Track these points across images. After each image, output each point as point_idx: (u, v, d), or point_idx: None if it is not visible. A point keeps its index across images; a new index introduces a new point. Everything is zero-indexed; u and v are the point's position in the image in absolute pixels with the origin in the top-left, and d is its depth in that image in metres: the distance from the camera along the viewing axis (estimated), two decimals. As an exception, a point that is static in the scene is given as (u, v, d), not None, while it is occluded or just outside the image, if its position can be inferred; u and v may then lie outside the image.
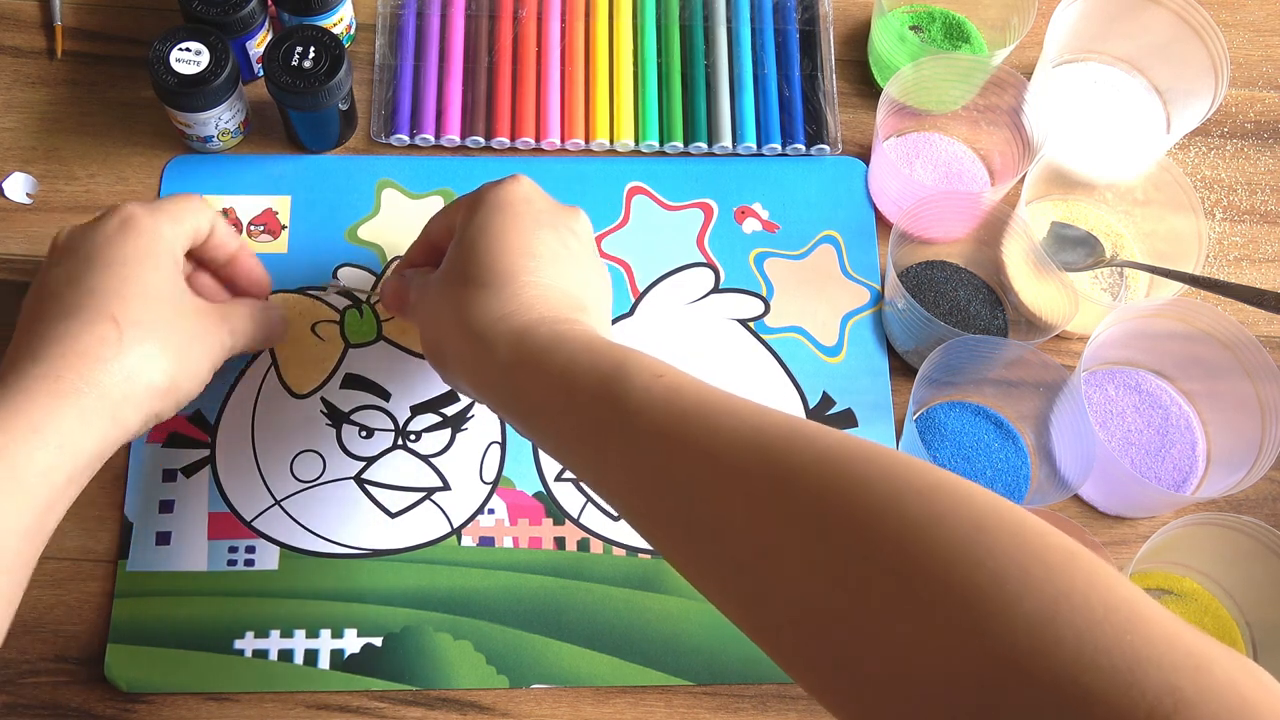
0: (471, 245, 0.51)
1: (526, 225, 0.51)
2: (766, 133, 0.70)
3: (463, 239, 0.52)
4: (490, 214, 0.52)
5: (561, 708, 0.57)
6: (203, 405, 0.61)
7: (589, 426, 0.45)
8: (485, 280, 0.50)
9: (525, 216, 0.52)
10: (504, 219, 0.51)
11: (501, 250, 0.50)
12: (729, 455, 0.40)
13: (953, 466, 0.62)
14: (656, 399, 0.43)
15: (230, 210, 0.66)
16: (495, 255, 0.50)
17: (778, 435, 0.40)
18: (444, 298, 0.51)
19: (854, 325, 0.66)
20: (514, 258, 0.50)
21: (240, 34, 0.64)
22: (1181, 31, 0.69)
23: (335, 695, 0.56)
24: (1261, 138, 0.74)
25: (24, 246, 0.64)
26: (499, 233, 0.51)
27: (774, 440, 0.40)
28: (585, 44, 0.71)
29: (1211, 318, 0.62)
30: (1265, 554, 0.58)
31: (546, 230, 0.52)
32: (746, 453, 0.40)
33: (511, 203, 0.52)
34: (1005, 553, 0.33)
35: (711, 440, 0.41)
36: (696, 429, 0.42)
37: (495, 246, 0.51)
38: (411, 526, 0.60)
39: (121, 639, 0.56)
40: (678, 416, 0.42)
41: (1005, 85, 0.67)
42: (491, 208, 0.52)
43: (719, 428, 0.41)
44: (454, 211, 0.55)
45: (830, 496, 0.37)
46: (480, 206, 0.52)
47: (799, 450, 0.39)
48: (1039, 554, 0.33)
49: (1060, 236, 0.67)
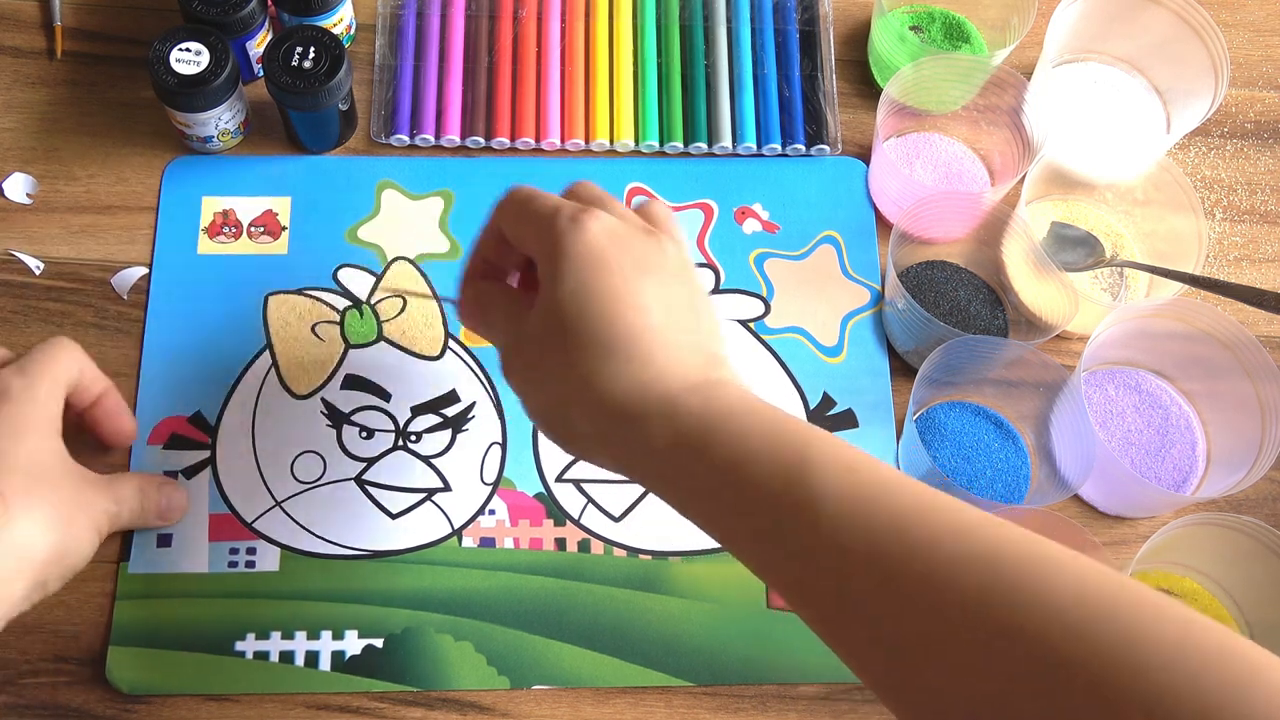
0: (576, 309, 0.45)
1: (627, 274, 0.45)
2: (766, 133, 0.70)
3: (559, 300, 0.45)
4: (584, 269, 0.45)
5: (562, 708, 0.57)
6: (203, 406, 0.61)
7: (768, 523, 0.40)
8: (608, 346, 0.44)
9: (623, 265, 0.45)
10: (603, 274, 0.45)
11: (612, 309, 0.45)
12: (947, 581, 0.36)
13: (953, 466, 0.62)
14: (857, 503, 0.38)
15: (230, 211, 0.66)
16: (609, 316, 0.44)
17: (1013, 569, 0.35)
18: (559, 366, 0.45)
19: (854, 325, 0.66)
20: (629, 315, 0.44)
21: (240, 34, 0.64)
22: (1181, 31, 0.69)
23: (336, 696, 0.56)
24: (1261, 138, 0.74)
25: (24, 246, 0.64)
26: (601, 290, 0.45)
27: (1007, 575, 0.35)
28: (585, 44, 0.71)
29: (1211, 318, 0.62)
30: (1265, 554, 0.58)
31: (647, 275, 0.46)
32: (969, 581, 0.35)
33: (604, 250, 0.45)
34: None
35: (928, 558, 0.36)
36: (910, 543, 0.37)
37: (604, 307, 0.45)
38: (412, 527, 0.60)
39: (123, 641, 0.56)
40: (884, 523, 0.38)
41: (1005, 85, 0.67)
42: (583, 263, 0.45)
43: (937, 545, 0.37)
44: (529, 237, 0.48)
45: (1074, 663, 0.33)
46: (567, 259, 0.45)
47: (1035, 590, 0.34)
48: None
49: (1060, 236, 0.67)
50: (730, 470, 0.41)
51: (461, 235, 0.66)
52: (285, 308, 0.64)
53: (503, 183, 0.67)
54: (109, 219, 0.65)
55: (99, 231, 0.65)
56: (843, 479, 0.39)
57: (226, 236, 0.65)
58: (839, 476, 0.39)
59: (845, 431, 0.63)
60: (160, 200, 0.66)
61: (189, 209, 0.66)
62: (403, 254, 0.65)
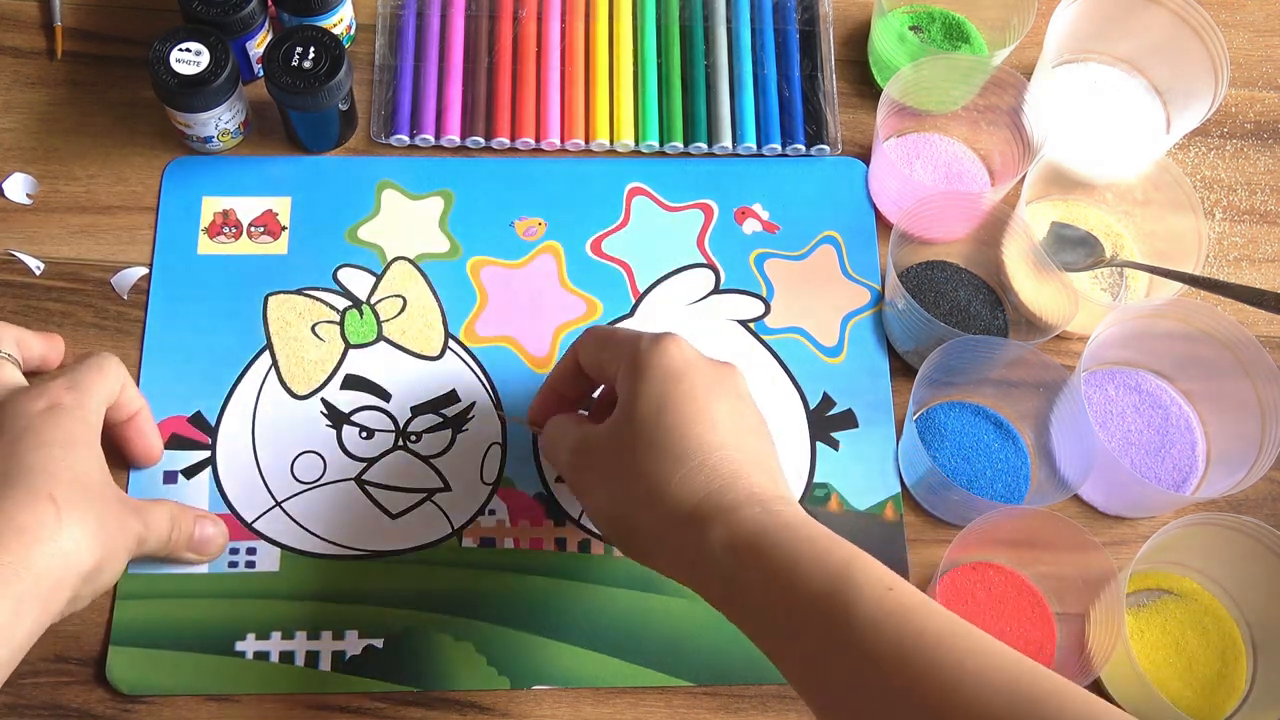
0: (652, 418, 0.49)
1: (701, 394, 0.50)
2: (766, 133, 0.70)
3: (636, 410, 0.50)
4: (663, 384, 0.50)
5: (562, 708, 0.57)
6: (203, 406, 0.61)
7: (810, 632, 0.43)
8: (678, 455, 0.48)
9: (698, 385, 0.50)
10: (679, 389, 0.50)
11: (687, 422, 0.49)
12: (969, 697, 0.39)
13: (953, 466, 0.62)
14: (890, 615, 0.42)
15: (230, 211, 0.66)
16: (682, 428, 0.49)
17: (1036, 692, 0.39)
18: (629, 470, 0.49)
19: (854, 326, 0.66)
20: (701, 429, 0.49)
21: (240, 34, 0.64)
22: (1181, 31, 0.69)
23: (336, 696, 0.56)
24: (1261, 138, 0.74)
25: (24, 246, 0.64)
26: (677, 404, 0.49)
27: (1024, 698, 0.39)
28: (585, 44, 0.71)
29: (1211, 318, 0.62)
30: (1265, 554, 0.58)
31: (719, 397, 0.50)
32: (990, 698, 0.39)
33: (681, 369, 0.50)
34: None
35: (955, 674, 0.40)
36: (936, 658, 0.40)
37: (679, 419, 0.49)
38: (412, 527, 0.60)
39: (123, 641, 0.56)
40: (914, 636, 0.41)
41: (1005, 85, 0.67)
42: (662, 377, 0.50)
43: (962, 663, 0.40)
44: (610, 360, 0.53)
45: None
46: (647, 374, 0.50)
47: (1060, 707, 0.38)
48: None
49: (1060, 236, 0.67)
50: (780, 576, 0.44)
51: (461, 235, 0.66)
52: (285, 308, 0.64)
53: (503, 183, 0.68)
54: (109, 219, 0.65)
55: (99, 231, 0.65)
56: (880, 594, 0.43)
57: (226, 236, 0.65)
58: (877, 592, 0.43)
59: (845, 431, 0.63)
60: (160, 200, 0.66)
61: (189, 209, 0.66)
62: (403, 254, 0.65)
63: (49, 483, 0.48)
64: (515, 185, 0.68)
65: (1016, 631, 0.59)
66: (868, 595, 0.43)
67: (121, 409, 0.57)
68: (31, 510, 0.47)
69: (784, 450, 0.62)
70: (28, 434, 0.50)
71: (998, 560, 0.61)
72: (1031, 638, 0.59)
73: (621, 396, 0.51)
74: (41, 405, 0.51)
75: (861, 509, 0.62)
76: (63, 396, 0.52)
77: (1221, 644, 0.60)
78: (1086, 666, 0.56)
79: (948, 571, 0.60)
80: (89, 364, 0.55)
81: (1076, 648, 0.57)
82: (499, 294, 0.65)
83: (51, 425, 0.51)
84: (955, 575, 0.60)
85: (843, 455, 0.63)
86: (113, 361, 0.56)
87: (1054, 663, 0.59)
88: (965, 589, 0.60)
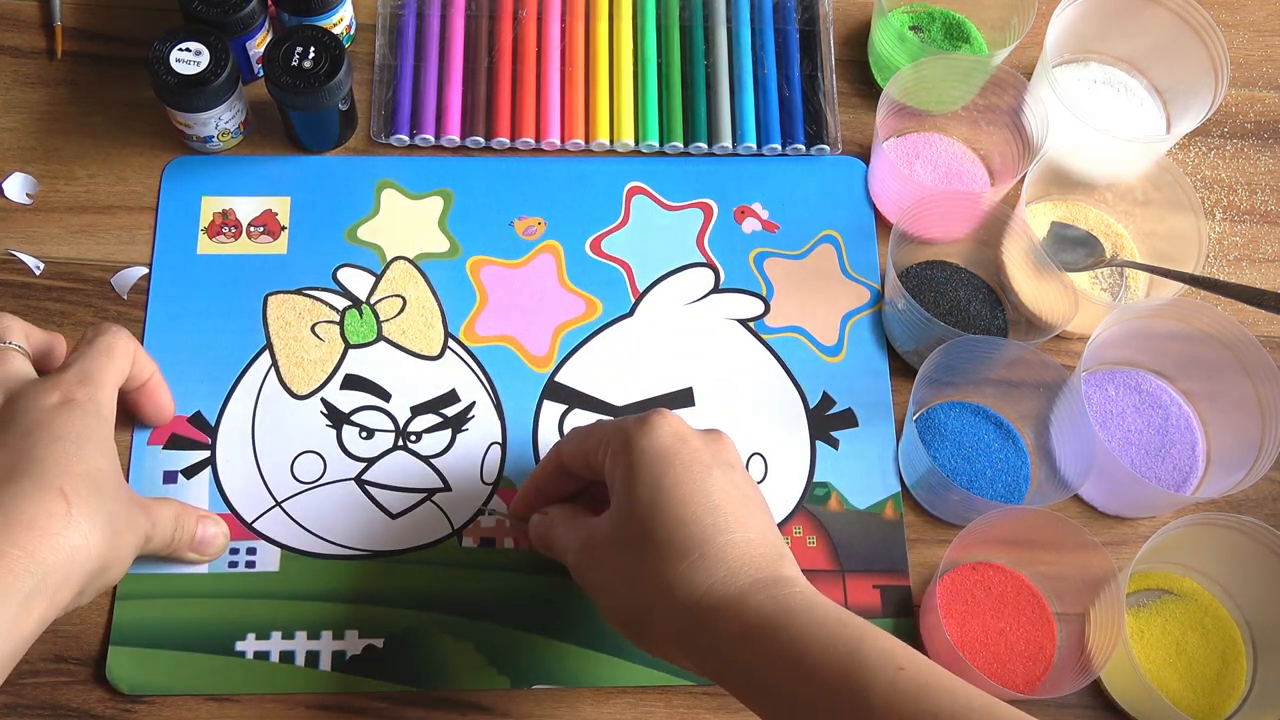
0: (649, 509, 0.48)
1: (697, 474, 0.49)
2: (766, 133, 0.70)
3: (633, 500, 0.49)
4: (656, 468, 0.49)
5: (562, 708, 0.57)
6: (203, 406, 0.61)
7: (824, 714, 0.43)
8: (682, 547, 0.47)
9: (691, 464, 0.49)
10: (674, 472, 0.49)
11: (686, 510, 0.48)
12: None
13: (953, 466, 0.62)
14: (904, 696, 0.42)
15: (230, 211, 0.66)
16: (683, 517, 0.48)
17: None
18: (638, 569, 0.49)
19: (854, 325, 0.66)
20: (701, 514, 0.48)
21: (240, 34, 0.64)
22: (1181, 31, 0.69)
23: (336, 696, 0.56)
24: (1261, 138, 0.74)
25: (24, 246, 0.64)
26: (672, 489, 0.48)
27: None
28: (585, 44, 0.71)
29: (1211, 318, 0.62)
30: (1265, 554, 0.58)
31: (714, 473, 0.49)
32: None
33: (673, 449, 0.49)
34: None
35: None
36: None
37: (677, 508, 0.48)
38: (412, 527, 0.60)
39: (123, 641, 0.56)
40: (929, 718, 0.41)
41: (1005, 85, 0.67)
42: (654, 460, 0.49)
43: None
44: (595, 449, 0.52)
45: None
46: (639, 459, 0.49)
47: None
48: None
49: (1060, 236, 0.67)
50: (793, 662, 0.44)
51: (461, 235, 0.66)
52: (285, 307, 0.64)
53: (503, 182, 0.68)
54: (109, 219, 0.65)
55: (99, 231, 0.65)
56: (892, 676, 0.43)
57: (226, 236, 0.65)
58: (888, 674, 0.43)
59: (845, 431, 0.63)
60: (160, 200, 0.66)
61: (189, 209, 0.66)
62: (402, 254, 0.65)
63: (60, 477, 0.48)
64: (515, 185, 0.68)
65: (1016, 631, 0.59)
66: (880, 679, 0.42)
67: (133, 380, 0.57)
68: (42, 504, 0.47)
69: (784, 450, 0.63)
70: (40, 428, 0.50)
71: (998, 560, 0.61)
72: (1031, 638, 0.59)
73: (617, 485, 0.50)
74: (54, 399, 0.51)
75: (861, 508, 0.62)
76: (76, 391, 0.52)
77: (1221, 644, 0.60)
78: (1086, 666, 0.56)
79: (948, 571, 0.60)
80: (98, 348, 0.54)
81: (1076, 648, 0.57)
82: (499, 294, 0.65)
83: (64, 420, 0.50)
84: (955, 575, 0.60)
85: (843, 454, 0.63)
86: (121, 339, 0.55)
87: (1054, 663, 0.59)
88: (965, 589, 0.60)
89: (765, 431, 0.63)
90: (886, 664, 0.43)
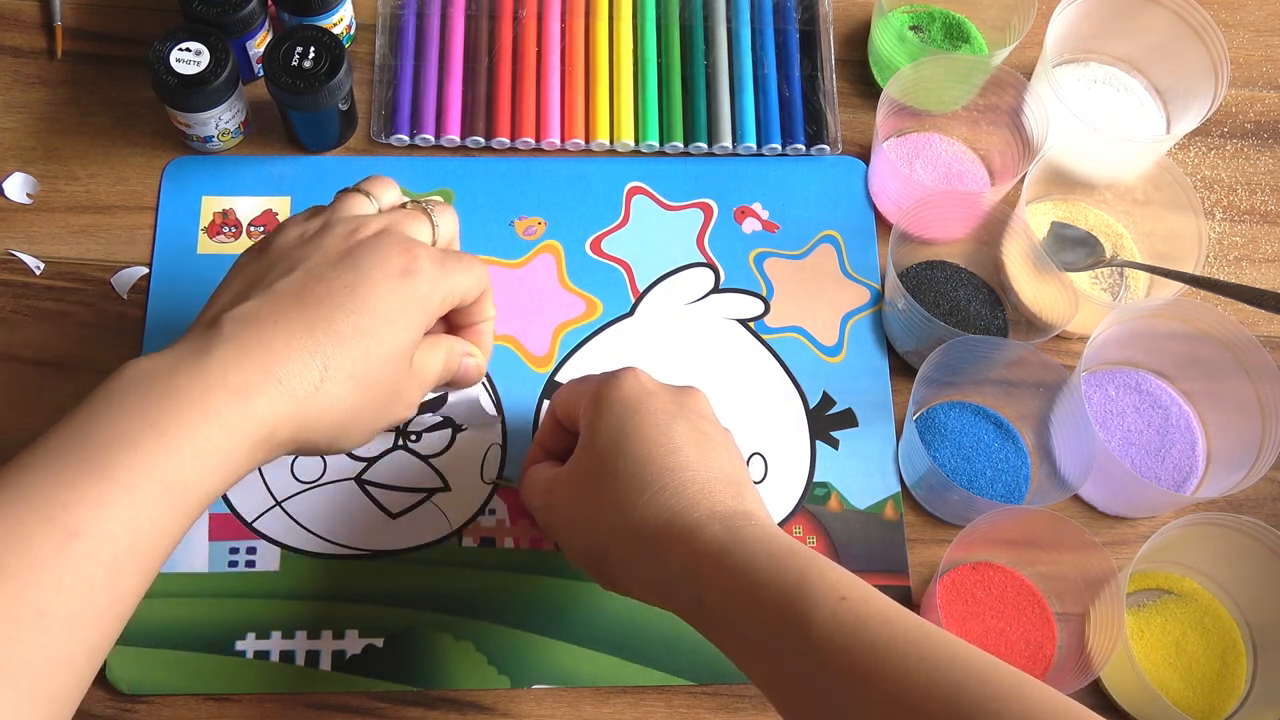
0: (612, 447, 0.50)
1: (661, 419, 0.50)
2: (766, 133, 0.70)
3: (596, 441, 0.51)
4: (621, 414, 0.51)
5: (562, 708, 0.57)
6: (203, 406, 0.61)
7: (769, 640, 0.44)
8: (640, 481, 0.49)
9: (656, 412, 0.51)
10: (638, 419, 0.50)
11: (647, 447, 0.49)
12: (918, 703, 0.40)
13: (953, 466, 0.62)
14: (842, 625, 0.42)
15: (230, 211, 0.66)
16: (643, 454, 0.49)
17: (977, 694, 0.40)
18: (596, 502, 0.50)
19: (854, 325, 0.66)
20: (661, 454, 0.49)
21: (240, 34, 0.64)
22: (1181, 31, 0.69)
23: (336, 696, 0.56)
24: (1261, 138, 0.74)
25: (24, 246, 0.64)
26: (636, 430, 0.50)
27: (971, 699, 0.39)
28: (585, 44, 0.71)
29: (1211, 318, 0.62)
30: (1265, 554, 0.58)
31: (678, 418, 0.51)
32: (937, 705, 0.40)
33: (639, 398, 0.51)
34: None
35: (899, 684, 0.40)
36: (883, 667, 0.41)
37: (639, 445, 0.50)
38: (412, 527, 0.60)
39: (123, 640, 0.56)
40: (865, 648, 0.42)
41: (1005, 85, 0.67)
42: (621, 408, 0.51)
43: (909, 671, 0.41)
44: (576, 401, 0.53)
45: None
46: (606, 406, 0.51)
47: (998, 713, 0.39)
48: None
49: (1060, 236, 0.67)
50: (741, 593, 0.45)
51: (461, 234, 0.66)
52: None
53: (503, 182, 0.68)
54: (109, 219, 0.65)
55: (99, 231, 0.65)
56: (834, 606, 0.43)
57: (226, 236, 0.65)
58: (830, 603, 0.43)
59: (845, 431, 0.63)
60: (160, 200, 0.66)
61: (189, 209, 0.66)
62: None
63: (336, 351, 0.46)
64: (515, 185, 0.68)
65: (1016, 631, 0.59)
66: (823, 608, 0.43)
67: (466, 314, 0.55)
68: (300, 365, 0.45)
69: (784, 450, 0.63)
70: (362, 288, 0.47)
71: (998, 560, 0.61)
72: (1031, 638, 0.59)
73: (583, 432, 0.52)
74: (397, 266, 0.49)
75: (861, 508, 0.62)
76: (424, 266, 0.49)
77: (1221, 644, 0.60)
78: (1086, 666, 0.56)
79: (948, 571, 0.60)
80: (466, 260, 0.53)
81: (1076, 648, 0.57)
82: (499, 293, 0.65)
83: (388, 291, 0.48)
84: (955, 575, 0.60)
85: (842, 454, 0.63)
86: (482, 271, 0.53)
87: (1054, 662, 0.59)
88: (965, 589, 0.60)
89: (765, 431, 0.63)
90: (830, 594, 0.43)
